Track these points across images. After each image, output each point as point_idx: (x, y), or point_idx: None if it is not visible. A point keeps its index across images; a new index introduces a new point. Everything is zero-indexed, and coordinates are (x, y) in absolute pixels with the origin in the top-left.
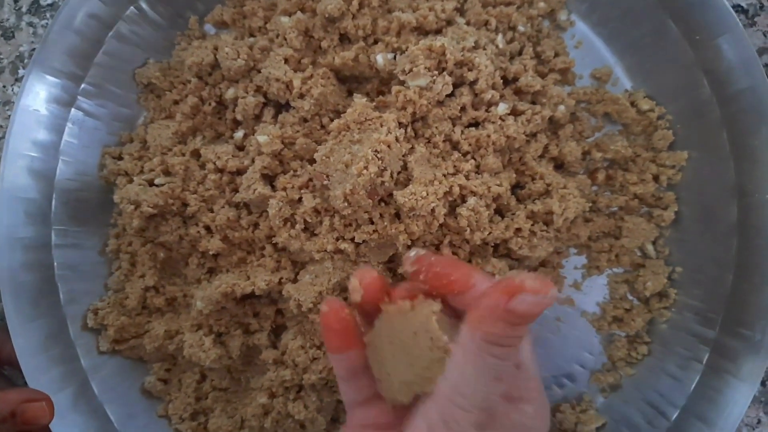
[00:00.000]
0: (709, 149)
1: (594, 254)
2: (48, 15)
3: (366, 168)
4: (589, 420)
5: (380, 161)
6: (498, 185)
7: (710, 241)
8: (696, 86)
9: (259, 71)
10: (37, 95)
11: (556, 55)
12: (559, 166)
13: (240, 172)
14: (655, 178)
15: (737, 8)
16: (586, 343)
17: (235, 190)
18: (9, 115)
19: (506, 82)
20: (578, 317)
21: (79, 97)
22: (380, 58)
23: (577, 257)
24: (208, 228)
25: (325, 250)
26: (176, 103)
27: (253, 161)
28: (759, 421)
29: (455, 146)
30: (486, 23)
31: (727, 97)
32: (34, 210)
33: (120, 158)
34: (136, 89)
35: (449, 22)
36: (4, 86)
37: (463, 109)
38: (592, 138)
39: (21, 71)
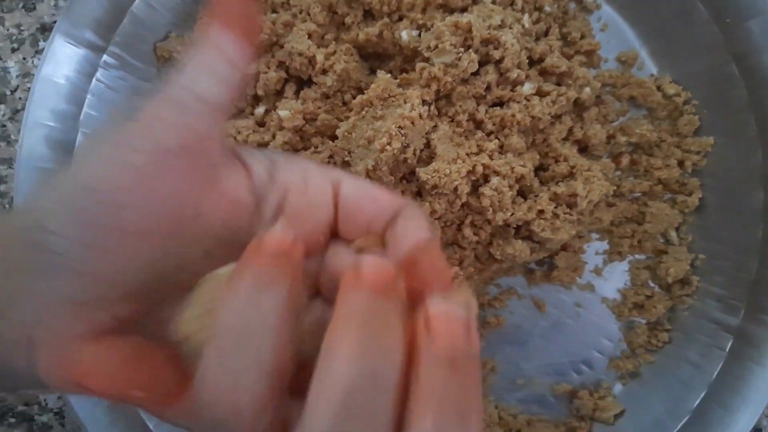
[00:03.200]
0: (735, 135)
1: (616, 239)
2: None
3: (389, 144)
4: (607, 407)
5: (403, 137)
6: (522, 166)
7: (735, 228)
8: (724, 71)
9: (282, 47)
10: (58, 65)
11: (582, 37)
12: (583, 149)
13: (261, 147)
14: (680, 164)
15: None
16: (605, 329)
17: None
18: (29, 87)
19: (531, 62)
20: (598, 303)
21: (99, 68)
22: (405, 35)
23: (599, 243)
24: None
25: None
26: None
27: (273, 137)
28: None
29: (479, 125)
30: (512, 2)
31: (756, 81)
32: None
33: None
34: (157, 63)
35: (475, 1)
36: (24, 58)
37: (488, 87)
38: (616, 122)
39: (42, 44)
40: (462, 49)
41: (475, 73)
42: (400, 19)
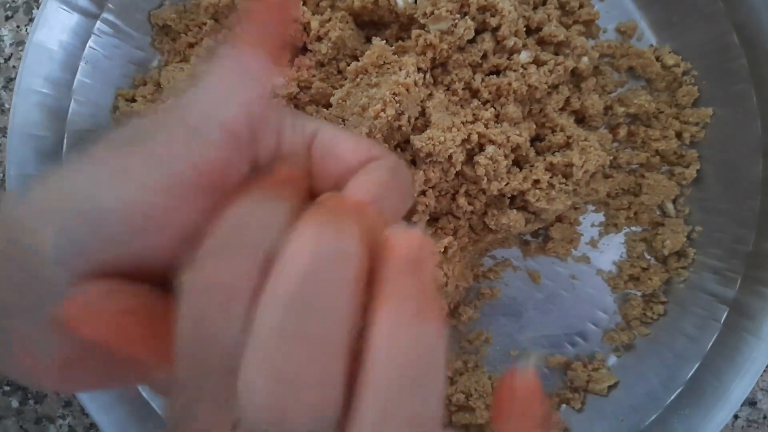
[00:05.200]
0: (735, 106)
1: (612, 211)
2: None
3: (383, 110)
4: (601, 378)
5: (398, 104)
6: (517, 135)
7: (732, 200)
8: (724, 41)
9: None
10: (51, 30)
11: (581, 6)
12: (580, 120)
13: None
14: (678, 135)
15: None
16: (600, 301)
17: None
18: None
19: (529, 31)
20: (593, 275)
21: (93, 35)
22: (401, 1)
23: (594, 214)
24: None
25: None
26: (191, 46)
27: None
28: None
29: (475, 94)
30: None
31: (756, 51)
32: (45, 147)
33: (133, 100)
34: (151, 32)
35: None
36: (18, 26)
37: (484, 55)
38: (614, 93)
39: (35, 11)
40: (458, 16)
41: (472, 41)
42: None
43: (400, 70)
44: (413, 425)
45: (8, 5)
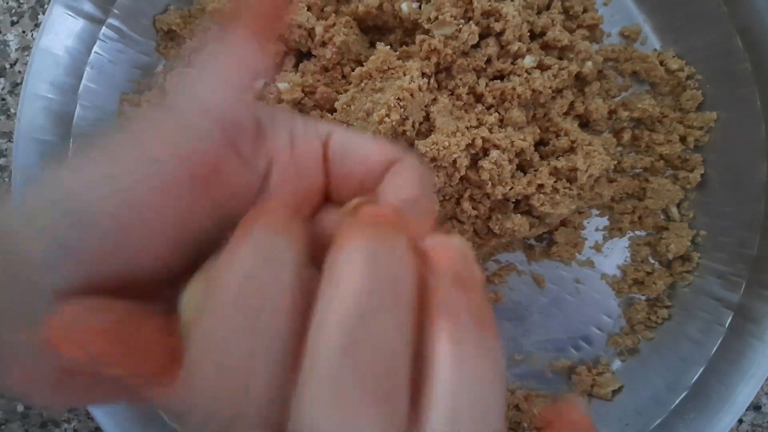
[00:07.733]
0: (739, 110)
1: (617, 216)
2: None
3: (388, 116)
4: (606, 383)
5: (402, 109)
6: (522, 140)
7: (737, 204)
8: (728, 44)
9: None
10: (57, 36)
11: (585, 10)
12: (585, 124)
13: None
14: (682, 140)
15: None
16: (604, 306)
17: None
18: (28, 61)
19: (533, 36)
20: (598, 279)
21: (98, 41)
22: (405, 6)
23: (599, 219)
24: None
25: None
26: (196, 51)
27: None
28: None
29: (479, 99)
30: None
31: (760, 55)
32: (51, 152)
33: (138, 105)
34: (156, 37)
35: None
36: (24, 31)
37: (488, 60)
38: (619, 97)
39: (41, 17)
40: (462, 21)
41: (476, 46)
42: None
43: (405, 75)
44: None
45: (14, 11)
